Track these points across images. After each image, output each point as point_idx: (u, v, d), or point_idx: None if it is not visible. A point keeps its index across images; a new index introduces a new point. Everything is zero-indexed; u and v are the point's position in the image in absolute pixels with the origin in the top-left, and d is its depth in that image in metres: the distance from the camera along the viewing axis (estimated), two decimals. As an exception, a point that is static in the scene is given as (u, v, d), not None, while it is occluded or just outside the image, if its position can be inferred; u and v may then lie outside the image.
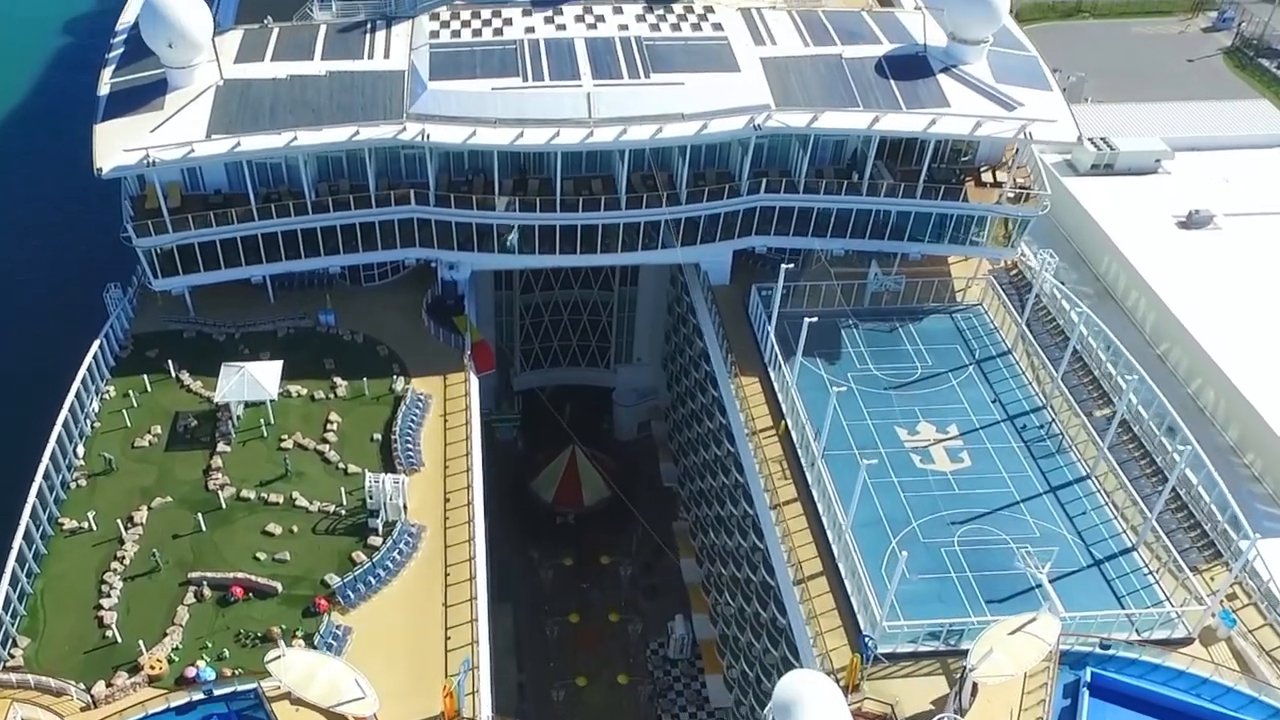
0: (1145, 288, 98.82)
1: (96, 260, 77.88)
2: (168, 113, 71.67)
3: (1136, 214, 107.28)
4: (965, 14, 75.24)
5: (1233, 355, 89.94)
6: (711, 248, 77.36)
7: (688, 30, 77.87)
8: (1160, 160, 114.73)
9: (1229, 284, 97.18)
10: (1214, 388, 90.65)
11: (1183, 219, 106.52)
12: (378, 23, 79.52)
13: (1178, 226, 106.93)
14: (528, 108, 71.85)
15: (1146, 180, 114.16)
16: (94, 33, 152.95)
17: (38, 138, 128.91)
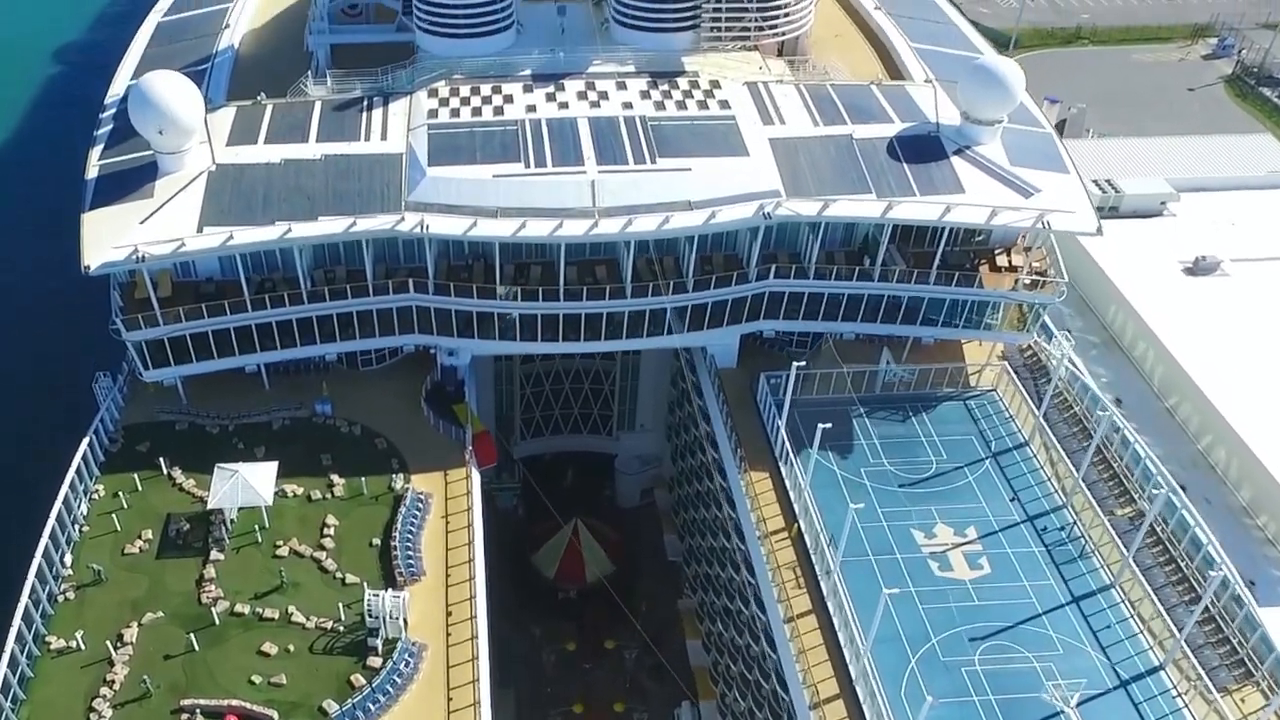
0: (1153, 338, 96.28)
1: (85, 343, 74.08)
2: (158, 201, 68.50)
3: (1142, 259, 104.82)
4: (980, 97, 72.39)
5: (1244, 412, 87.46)
6: (719, 332, 74.53)
7: (694, 108, 74.74)
8: (1165, 203, 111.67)
9: (1238, 334, 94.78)
10: (1225, 446, 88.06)
11: (1189, 265, 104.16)
12: (374, 99, 76.31)
13: (1184, 272, 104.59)
14: (530, 196, 68.80)
15: (1152, 224, 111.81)
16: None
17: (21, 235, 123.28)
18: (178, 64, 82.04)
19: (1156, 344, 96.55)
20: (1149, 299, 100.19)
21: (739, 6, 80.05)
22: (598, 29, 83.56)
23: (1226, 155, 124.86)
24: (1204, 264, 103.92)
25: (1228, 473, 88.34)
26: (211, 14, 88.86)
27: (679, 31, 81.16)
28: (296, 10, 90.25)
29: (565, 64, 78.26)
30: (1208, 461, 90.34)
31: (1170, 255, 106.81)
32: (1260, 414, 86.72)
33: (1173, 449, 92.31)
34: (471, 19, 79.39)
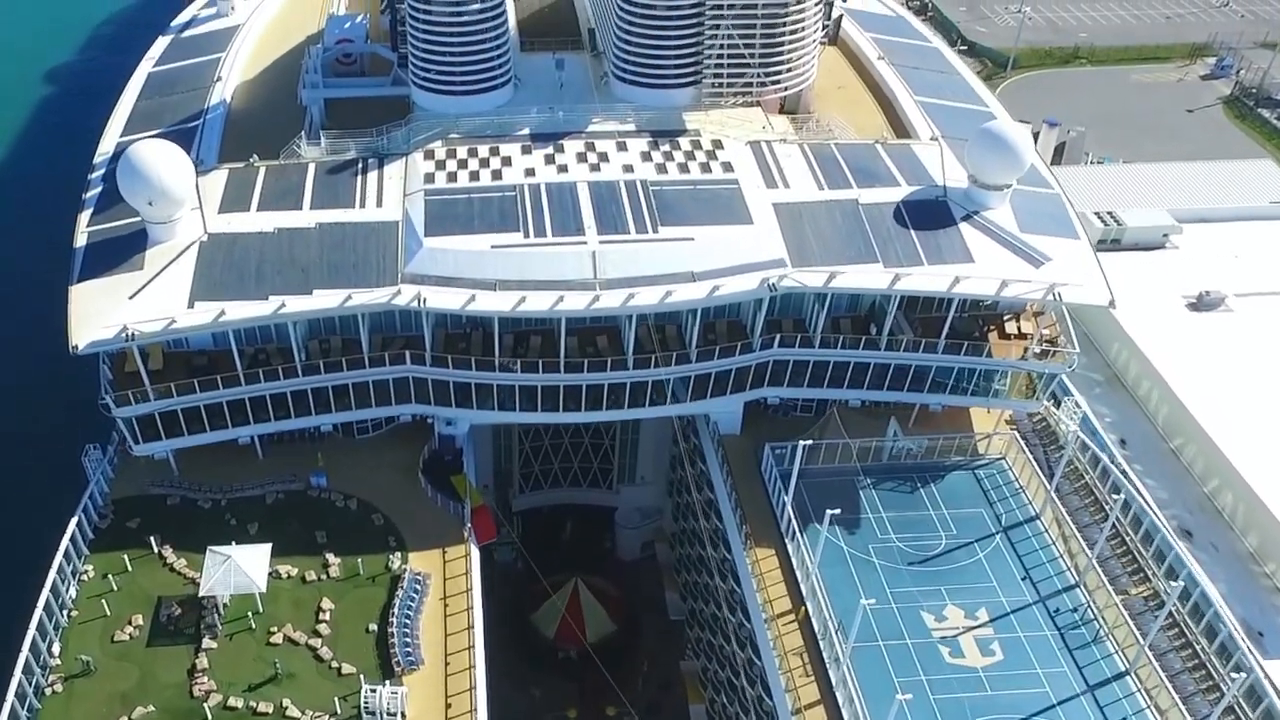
0: (1156, 377, 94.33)
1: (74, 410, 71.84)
2: (148, 273, 66.24)
3: (1145, 295, 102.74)
4: (988, 162, 70.42)
5: (1251, 456, 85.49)
6: (722, 400, 72.41)
7: (696, 171, 72.51)
8: (1167, 235, 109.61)
9: (1243, 373, 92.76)
10: (1232, 490, 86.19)
11: (1193, 300, 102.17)
12: (369, 161, 73.99)
13: (1188, 308, 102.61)
14: (530, 268, 66.61)
15: (1154, 257, 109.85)
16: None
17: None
18: (168, 120, 79.91)
19: (1160, 383, 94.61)
20: (1152, 336, 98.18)
21: (741, 62, 77.61)
22: (596, 83, 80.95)
23: (1227, 182, 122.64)
24: (1207, 299, 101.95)
25: (1234, 518, 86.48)
26: (203, 65, 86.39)
27: (680, 87, 78.17)
28: (289, 60, 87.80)
29: (564, 123, 75.94)
30: (1214, 506, 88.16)
31: (1173, 290, 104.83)
32: (1267, 458, 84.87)
33: (1178, 492, 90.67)
34: (468, 76, 76.80)
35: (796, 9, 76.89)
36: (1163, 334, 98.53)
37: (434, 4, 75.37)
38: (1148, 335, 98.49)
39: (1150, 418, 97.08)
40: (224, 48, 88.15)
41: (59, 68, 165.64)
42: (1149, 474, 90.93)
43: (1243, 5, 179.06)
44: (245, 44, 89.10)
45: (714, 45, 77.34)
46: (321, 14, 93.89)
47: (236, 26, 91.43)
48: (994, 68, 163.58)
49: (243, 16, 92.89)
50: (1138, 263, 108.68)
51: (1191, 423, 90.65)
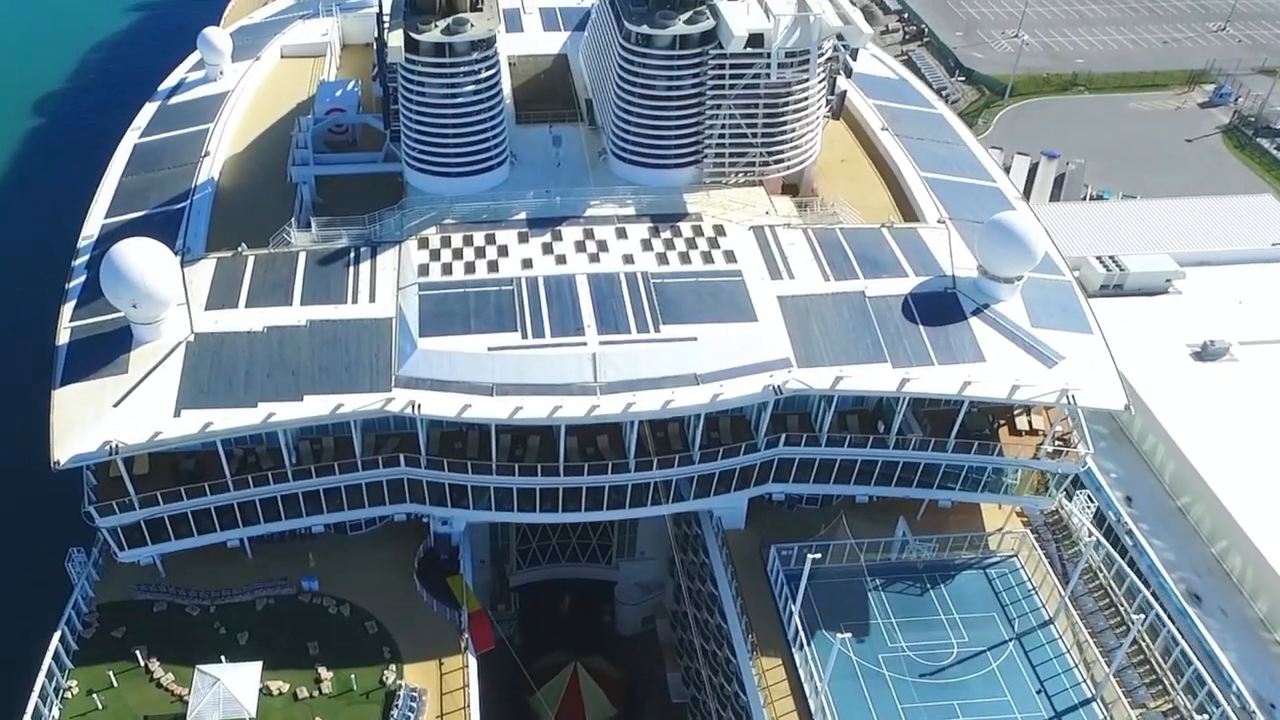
0: (1162, 432, 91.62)
1: (57, 509, 68.73)
2: (132, 377, 63.30)
3: (1149, 343, 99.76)
4: (998, 255, 67.91)
5: (1259, 518, 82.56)
6: (726, 496, 69.26)
7: (698, 261, 69.79)
8: (1171, 280, 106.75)
9: (1251, 428, 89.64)
10: (1241, 553, 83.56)
11: (1197, 349, 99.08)
12: (361, 250, 71.08)
13: (1193, 357, 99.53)
14: (528, 371, 63.79)
15: (1157, 303, 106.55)
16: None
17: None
18: (154, 200, 77.08)
19: (1166, 439, 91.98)
20: (1157, 388, 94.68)
21: (743, 142, 74.69)
22: (594, 160, 77.95)
23: (1229, 221, 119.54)
24: (1212, 349, 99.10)
25: (1243, 581, 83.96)
26: (190, 137, 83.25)
27: (680, 167, 75.24)
28: (279, 130, 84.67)
29: (561, 207, 73.12)
30: (1223, 568, 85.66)
31: (1177, 338, 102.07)
32: (1275, 519, 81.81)
33: (1186, 552, 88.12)
34: (464, 159, 73.81)
35: (800, 88, 73.77)
36: (1167, 386, 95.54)
37: (428, 86, 71.98)
38: (1152, 388, 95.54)
39: (1156, 473, 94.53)
40: (212, 118, 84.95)
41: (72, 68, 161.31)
42: (1155, 533, 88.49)
43: (1240, 30, 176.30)
44: (234, 114, 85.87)
45: (715, 125, 74.28)
46: (312, 79, 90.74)
47: (225, 94, 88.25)
48: (992, 95, 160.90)
49: (231, 82, 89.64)
50: (1140, 309, 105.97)
51: (1198, 481, 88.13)
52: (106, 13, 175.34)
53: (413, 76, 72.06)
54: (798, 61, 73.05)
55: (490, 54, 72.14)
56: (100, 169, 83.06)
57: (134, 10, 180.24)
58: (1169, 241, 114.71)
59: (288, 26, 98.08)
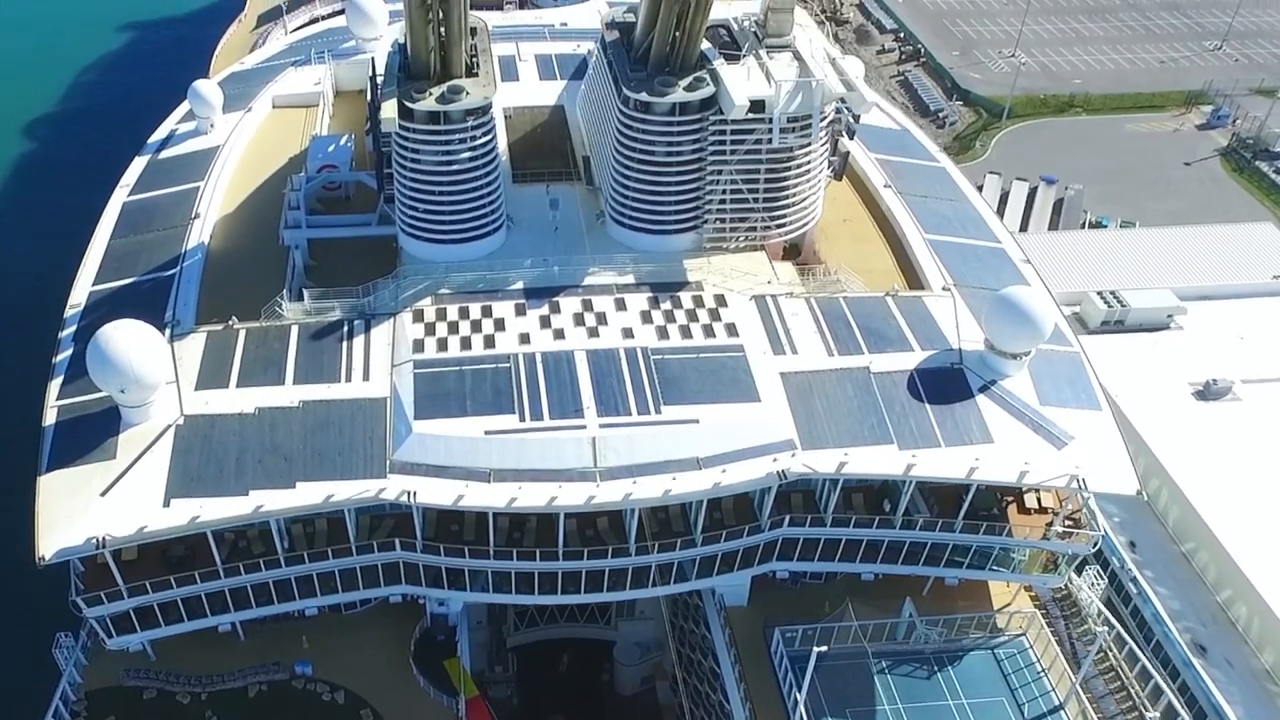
0: (1165, 476, 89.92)
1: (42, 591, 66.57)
2: (120, 464, 61.19)
3: (1151, 382, 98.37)
4: (1005, 332, 65.97)
5: (1265, 567, 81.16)
6: (729, 575, 67.17)
7: (699, 335, 67.70)
8: (1172, 315, 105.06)
9: (1255, 471, 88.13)
10: (1246, 603, 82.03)
11: (1200, 388, 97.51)
12: (355, 324, 68.69)
13: (1195, 397, 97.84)
14: (526, 456, 61.74)
15: (1159, 340, 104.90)
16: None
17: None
18: (143, 266, 75.08)
19: (1169, 482, 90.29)
20: (1159, 430, 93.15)
21: (744, 207, 72.47)
22: (592, 222, 75.72)
23: (1230, 251, 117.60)
24: (1215, 388, 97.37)
25: (1249, 632, 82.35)
26: (180, 196, 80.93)
27: (680, 233, 73.09)
28: (271, 188, 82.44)
29: (560, 276, 70.81)
30: (1228, 617, 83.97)
31: (1179, 377, 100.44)
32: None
33: (1191, 601, 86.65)
34: (459, 226, 71.60)
35: (802, 153, 71.60)
36: (1170, 427, 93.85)
37: (422, 154, 69.84)
38: (1155, 429, 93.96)
39: (1160, 518, 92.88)
40: (202, 175, 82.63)
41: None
42: (1160, 580, 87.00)
43: (1236, 49, 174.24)
44: (225, 170, 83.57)
45: (716, 190, 72.16)
46: (305, 131, 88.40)
47: (216, 148, 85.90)
48: (989, 118, 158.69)
49: (222, 135, 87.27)
50: (1142, 346, 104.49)
51: (1202, 527, 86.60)
52: (96, 37, 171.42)
53: (407, 143, 69.97)
54: (800, 127, 71.08)
55: (486, 120, 70.02)
56: (86, 204, 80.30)
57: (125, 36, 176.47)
58: (1169, 274, 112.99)
59: (280, 74, 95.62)
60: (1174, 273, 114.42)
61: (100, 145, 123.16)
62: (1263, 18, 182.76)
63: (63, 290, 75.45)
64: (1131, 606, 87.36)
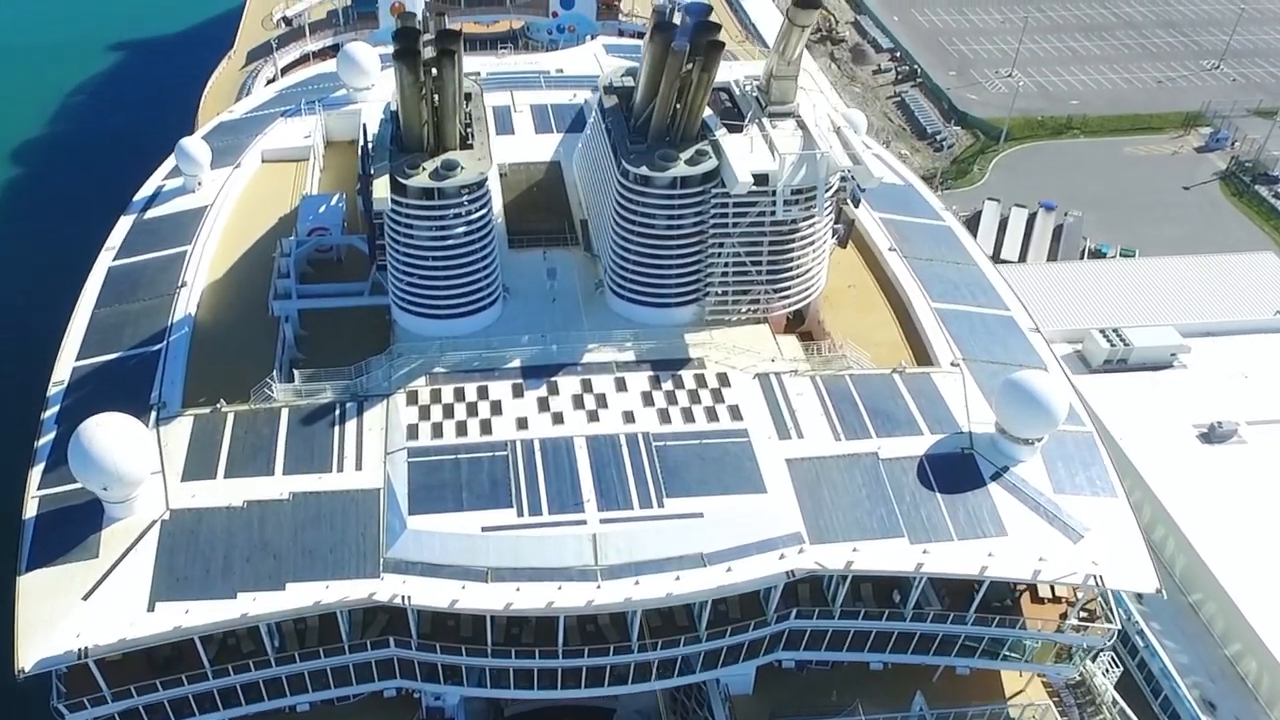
0: (1172, 524, 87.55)
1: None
2: (104, 563, 58.55)
3: (1154, 424, 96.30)
4: (1017, 418, 63.49)
5: (1275, 620, 79.37)
6: (734, 667, 64.55)
7: (702, 419, 65.01)
8: (1175, 354, 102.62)
9: (1263, 519, 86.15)
10: (1256, 658, 79.90)
11: (1204, 430, 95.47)
12: (347, 406, 65.69)
13: (1199, 439, 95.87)
14: (525, 554, 59.21)
15: (1162, 379, 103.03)
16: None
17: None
18: (128, 340, 72.36)
19: (1175, 530, 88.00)
20: (1164, 475, 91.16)
21: (747, 280, 69.63)
22: (591, 292, 72.78)
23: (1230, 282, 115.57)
24: (1219, 430, 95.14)
25: (1259, 687, 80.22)
26: (166, 262, 77.94)
27: (681, 306, 70.22)
28: (260, 251, 79.47)
29: (558, 354, 67.99)
30: (1237, 671, 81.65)
31: (1183, 418, 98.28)
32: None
33: (1199, 655, 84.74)
34: (454, 302, 68.69)
35: (806, 225, 68.66)
36: (1175, 472, 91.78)
37: (416, 229, 66.90)
38: (1160, 474, 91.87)
39: (1166, 566, 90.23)
40: (189, 239, 79.56)
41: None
42: (1167, 633, 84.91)
43: (1234, 68, 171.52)
44: (213, 232, 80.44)
45: (718, 263, 69.32)
46: (295, 188, 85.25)
47: (204, 208, 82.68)
48: (987, 140, 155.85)
49: (210, 194, 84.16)
50: (1145, 386, 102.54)
51: (1209, 578, 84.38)
52: (81, 70, 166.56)
53: (400, 218, 67.01)
54: (804, 199, 68.30)
55: (482, 194, 66.96)
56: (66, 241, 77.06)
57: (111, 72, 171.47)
58: (1171, 308, 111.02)
59: (269, 125, 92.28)
60: (1176, 307, 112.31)
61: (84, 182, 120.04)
62: (1260, 36, 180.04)
63: (45, 344, 72.74)
64: (1139, 659, 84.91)
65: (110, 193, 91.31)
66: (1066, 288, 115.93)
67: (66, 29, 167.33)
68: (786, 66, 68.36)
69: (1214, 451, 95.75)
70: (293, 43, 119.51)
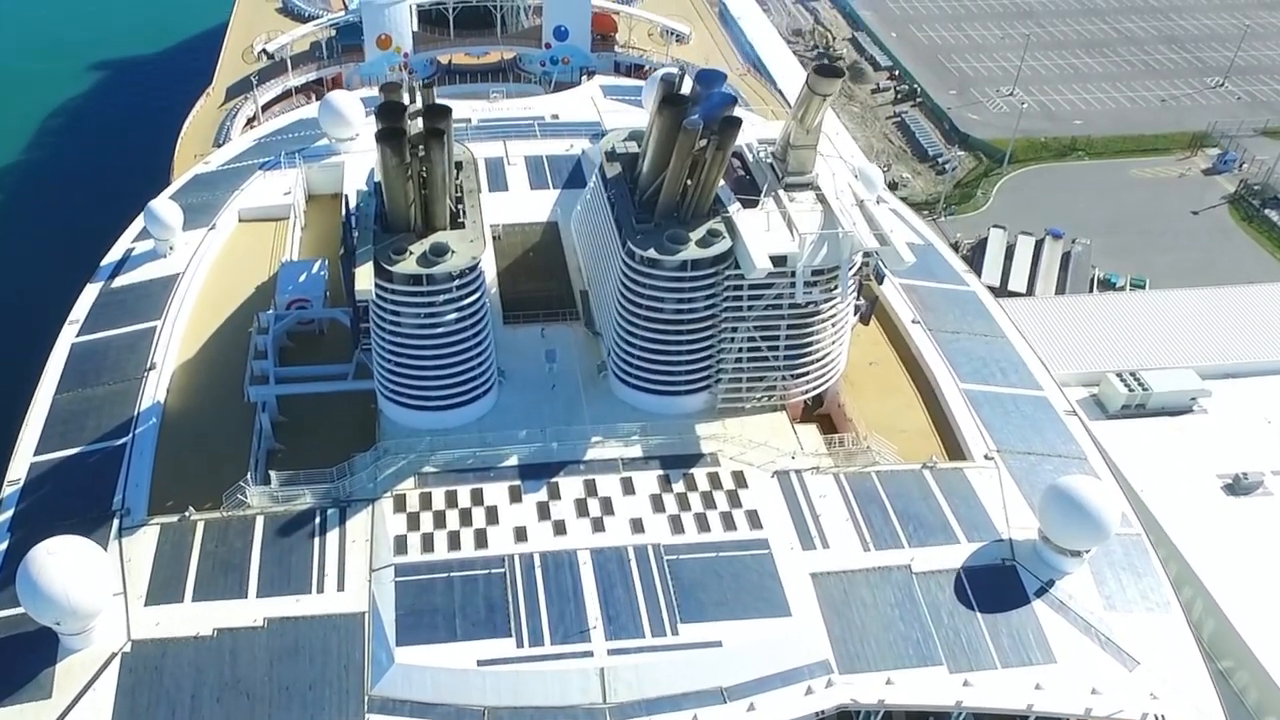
0: (1199, 585, 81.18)
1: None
2: (57, 705, 52.84)
3: (1177, 475, 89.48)
4: (1065, 529, 56.93)
5: None
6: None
7: (717, 526, 58.46)
8: (1196, 399, 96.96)
9: None
10: None
11: (1229, 481, 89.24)
12: (329, 513, 58.66)
13: (1224, 491, 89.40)
14: (525, 691, 52.77)
15: (1183, 425, 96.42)
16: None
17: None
18: (91, 432, 65.56)
19: (1203, 593, 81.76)
20: (1190, 531, 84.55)
21: (764, 365, 62.71)
22: (594, 375, 65.84)
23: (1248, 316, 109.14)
24: (1245, 482, 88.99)
25: None
26: (134, 339, 70.90)
27: (691, 394, 63.23)
28: (236, 325, 72.55)
29: (559, 452, 60.90)
30: None
31: (1207, 468, 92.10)
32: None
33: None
34: (445, 394, 61.63)
35: (827, 305, 61.65)
36: (1200, 527, 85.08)
37: (403, 316, 59.74)
38: (1185, 530, 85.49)
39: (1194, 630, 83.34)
40: (159, 311, 72.47)
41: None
42: (1196, 703, 77.19)
43: (1239, 86, 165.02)
44: (185, 304, 73.08)
45: (731, 348, 62.32)
46: (274, 251, 77.86)
47: (175, 276, 75.28)
48: (990, 163, 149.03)
49: (182, 260, 76.90)
50: (1165, 433, 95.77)
51: (1240, 644, 77.87)
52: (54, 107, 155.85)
53: (385, 304, 59.86)
54: (825, 280, 61.11)
55: (474, 278, 59.84)
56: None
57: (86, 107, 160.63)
58: (1188, 346, 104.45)
59: (246, 180, 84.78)
60: (1193, 346, 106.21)
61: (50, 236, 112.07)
62: (1265, 53, 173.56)
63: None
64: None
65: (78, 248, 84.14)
66: (1079, 324, 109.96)
67: (34, 61, 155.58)
68: (805, 135, 61.38)
69: (1240, 504, 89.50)
70: (274, 77, 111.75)
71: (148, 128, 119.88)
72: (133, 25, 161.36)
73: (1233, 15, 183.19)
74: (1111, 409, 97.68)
